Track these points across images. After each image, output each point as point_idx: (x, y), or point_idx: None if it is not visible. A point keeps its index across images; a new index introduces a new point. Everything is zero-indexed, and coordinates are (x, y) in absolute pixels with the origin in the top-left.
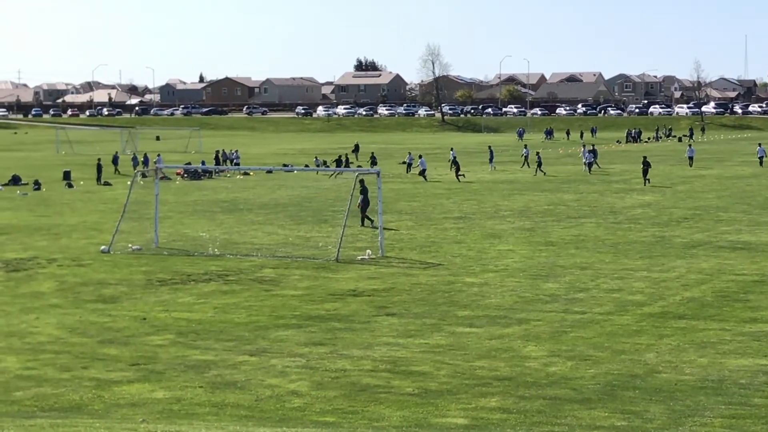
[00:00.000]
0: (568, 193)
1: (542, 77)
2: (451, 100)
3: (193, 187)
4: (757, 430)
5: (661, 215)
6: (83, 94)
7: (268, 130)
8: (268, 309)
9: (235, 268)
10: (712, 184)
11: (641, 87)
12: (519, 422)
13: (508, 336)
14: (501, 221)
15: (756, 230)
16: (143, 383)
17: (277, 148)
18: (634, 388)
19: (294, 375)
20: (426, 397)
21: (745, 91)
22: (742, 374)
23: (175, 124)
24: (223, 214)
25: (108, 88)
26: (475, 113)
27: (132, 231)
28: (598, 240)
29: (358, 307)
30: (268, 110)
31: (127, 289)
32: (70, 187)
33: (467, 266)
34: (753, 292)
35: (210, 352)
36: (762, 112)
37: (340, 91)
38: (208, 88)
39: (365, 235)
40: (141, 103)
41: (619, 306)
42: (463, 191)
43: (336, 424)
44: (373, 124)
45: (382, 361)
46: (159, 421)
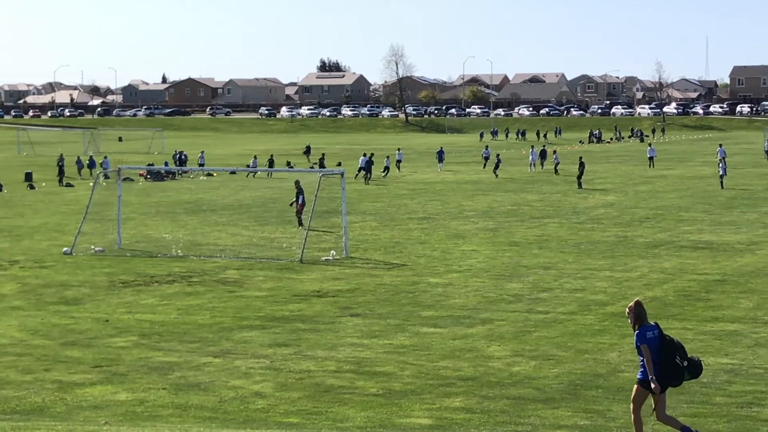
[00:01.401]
0: (532, 194)
1: (505, 78)
2: (414, 101)
3: (155, 188)
4: (719, 428)
5: (623, 215)
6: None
7: (231, 130)
8: (231, 310)
9: (199, 269)
10: (673, 184)
11: (603, 88)
12: (483, 422)
13: (471, 336)
14: (465, 222)
15: (717, 230)
16: (106, 385)
17: (240, 148)
18: (597, 387)
19: (258, 376)
20: (390, 398)
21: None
22: (703, 373)
23: (137, 125)
24: (186, 215)
25: (70, 88)
26: (438, 114)
27: (94, 232)
28: (561, 240)
29: (322, 308)
30: (231, 111)
31: (90, 290)
32: (32, 188)
33: (431, 267)
34: (714, 292)
35: (173, 354)
36: (723, 112)
37: (304, 91)
38: (171, 88)
39: (329, 236)
40: (103, 104)
41: (582, 306)
42: (427, 192)
43: (300, 425)
44: (337, 124)
45: (347, 361)
46: (122, 423)
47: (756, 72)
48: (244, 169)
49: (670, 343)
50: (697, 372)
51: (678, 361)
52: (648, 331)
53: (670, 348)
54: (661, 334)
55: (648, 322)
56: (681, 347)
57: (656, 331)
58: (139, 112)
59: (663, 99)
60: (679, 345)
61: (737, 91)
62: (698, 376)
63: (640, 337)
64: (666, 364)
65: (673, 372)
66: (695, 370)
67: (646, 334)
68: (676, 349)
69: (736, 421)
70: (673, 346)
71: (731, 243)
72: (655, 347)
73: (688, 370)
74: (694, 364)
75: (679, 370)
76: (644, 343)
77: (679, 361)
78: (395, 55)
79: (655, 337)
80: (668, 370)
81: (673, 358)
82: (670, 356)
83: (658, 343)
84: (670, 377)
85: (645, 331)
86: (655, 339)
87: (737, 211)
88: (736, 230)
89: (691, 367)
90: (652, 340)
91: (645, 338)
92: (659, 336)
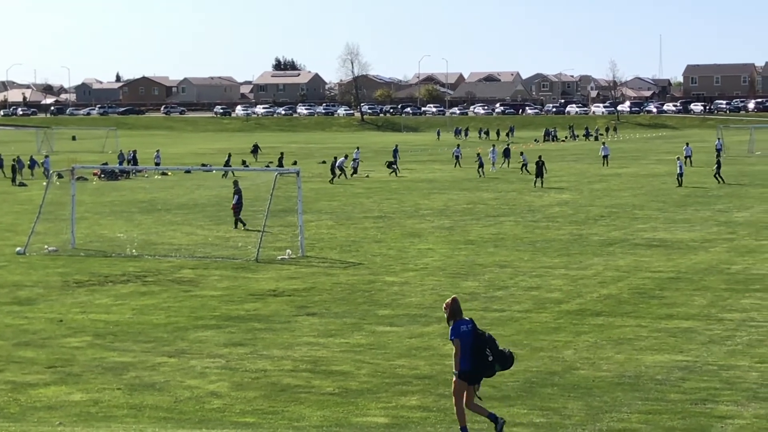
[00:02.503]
0: (488, 192)
1: (461, 77)
2: (370, 100)
3: (110, 187)
4: (673, 425)
5: (578, 213)
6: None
7: (186, 129)
8: (187, 310)
9: (154, 269)
10: (628, 183)
11: (558, 86)
12: (439, 420)
13: (428, 334)
14: (421, 220)
15: (671, 228)
16: (60, 386)
17: (195, 147)
18: (552, 384)
19: (213, 376)
20: (346, 397)
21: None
22: (658, 370)
23: (91, 124)
24: (141, 214)
25: (22, 87)
26: (394, 113)
27: (48, 232)
28: (517, 238)
29: (278, 307)
30: (186, 110)
31: (44, 290)
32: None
33: (387, 265)
34: (668, 289)
35: (128, 354)
36: (676, 111)
37: (259, 90)
38: (125, 87)
39: (285, 234)
40: (56, 103)
41: (537, 303)
42: (383, 190)
43: (256, 424)
44: (293, 123)
45: (303, 360)
46: (76, 424)
47: (709, 71)
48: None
49: (482, 336)
50: (507, 364)
51: (488, 353)
52: (462, 326)
53: (481, 342)
54: (474, 328)
55: (463, 317)
56: (492, 340)
57: (470, 325)
58: (93, 111)
59: (617, 98)
60: (491, 338)
61: (690, 89)
62: (509, 367)
63: (454, 330)
64: (479, 357)
65: (484, 364)
66: (506, 362)
67: (460, 327)
68: (486, 342)
69: (691, 417)
70: (485, 339)
71: (685, 241)
72: (468, 341)
73: (498, 362)
74: (504, 357)
75: (489, 363)
76: (457, 337)
77: (489, 354)
78: (351, 53)
79: (468, 331)
80: (480, 362)
81: (484, 351)
82: (481, 349)
83: (471, 337)
84: (483, 369)
85: (459, 325)
86: (468, 333)
87: (691, 209)
88: (690, 228)
89: (501, 360)
90: (465, 333)
91: (459, 332)
92: (472, 330)
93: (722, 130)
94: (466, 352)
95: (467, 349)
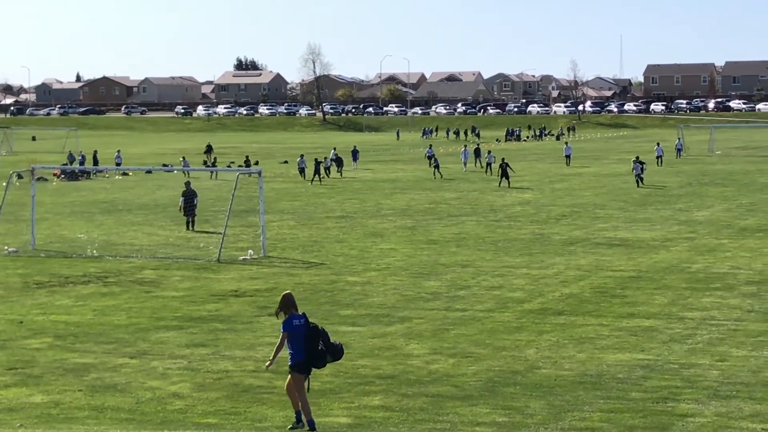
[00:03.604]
0: (449, 192)
1: (422, 76)
2: (332, 100)
3: (70, 187)
4: (635, 423)
5: (539, 213)
6: None
7: (147, 129)
8: (148, 311)
9: (115, 269)
10: (589, 182)
11: (520, 86)
12: (402, 420)
13: (390, 334)
14: (383, 220)
15: (632, 227)
16: (21, 387)
17: (156, 147)
18: (514, 384)
19: (175, 377)
20: (309, 397)
21: (621, 90)
22: (619, 369)
23: (51, 124)
24: (101, 215)
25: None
26: (356, 112)
27: (8, 233)
28: (479, 238)
29: (240, 308)
30: (147, 110)
31: (3, 291)
32: None
33: (350, 265)
34: (630, 288)
35: (89, 355)
36: (637, 110)
37: (221, 90)
38: (86, 87)
39: (247, 235)
40: (16, 103)
41: (499, 303)
42: (345, 190)
43: (218, 425)
44: (254, 123)
45: (265, 361)
46: (37, 426)
47: (669, 70)
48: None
49: (315, 330)
50: (338, 355)
51: (321, 346)
52: (294, 320)
53: (314, 335)
54: (306, 322)
55: (296, 312)
56: (324, 333)
57: (302, 320)
58: (53, 111)
59: (578, 97)
60: (323, 332)
61: (651, 89)
62: (340, 359)
63: (286, 324)
64: (311, 349)
65: (316, 356)
66: (336, 354)
67: (292, 322)
68: (319, 335)
69: (652, 416)
70: (317, 333)
71: (646, 240)
72: (301, 334)
73: (329, 354)
74: (335, 349)
75: (321, 354)
76: (287, 330)
77: (321, 347)
78: (312, 53)
79: (301, 325)
80: (313, 354)
81: (317, 344)
82: (314, 342)
83: (304, 330)
84: (315, 360)
85: (292, 319)
86: (301, 327)
87: (651, 209)
88: (651, 227)
89: (332, 352)
90: (298, 327)
91: (291, 326)
92: (305, 324)
93: (683, 130)
94: (300, 345)
95: (300, 342)
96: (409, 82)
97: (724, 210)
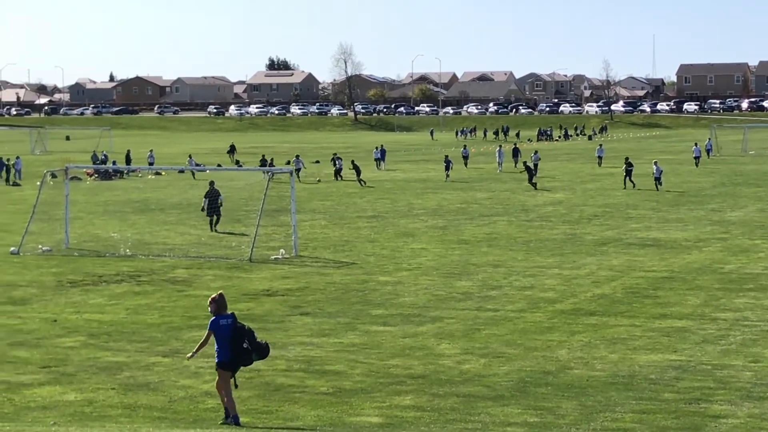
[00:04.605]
0: (481, 192)
1: (454, 76)
2: (363, 99)
3: (103, 187)
4: (667, 424)
5: (571, 213)
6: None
7: (179, 129)
8: (181, 310)
9: (148, 268)
10: (621, 182)
11: (552, 86)
12: (433, 420)
13: (421, 334)
14: (414, 220)
15: (665, 227)
16: (54, 386)
17: (189, 147)
18: (546, 384)
19: (207, 376)
20: (340, 396)
21: (653, 89)
22: (651, 369)
23: (85, 124)
24: (134, 214)
25: (16, 87)
26: (387, 112)
27: (42, 232)
28: (511, 238)
29: (271, 307)
30: (179, 109)
31: (38, 290)
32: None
33: (381, 265)
34: (662, 289)
35: (122, 354)
36: (669, 110)
37: (253, 90)
38: (119, 87)
39: (279, 234)
40: (50, 103)
41: (531, 303)
42: (377, 190)
43: (250, 424)
44: (286, 123)
45: (297, 360)
46: (71, 424)
47: (702, 70)
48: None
49: (241, 329)
50: (263, 354)
51: (246, 345)
52: (222, 320)
53: (240, 334)
54: (234, 322)
55: (225, 312)
56: (250, 333)
57: (230, 320)
58: (87, 111)
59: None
60: (249, 331)
61: (684, 89)
62: (265, 357)
63: (213, 323)
64: (237, 348)
65: (243, 354)
66: (262, 353)
67: (219, 321)
68: (245, 335)
69: (685, 417)
70: (243, 332)
71: (678, 240)
72: (228, 333)
73: (255, 352)
74: (260, 348)
75: (247, 353)
76: (213, 329)
77: (246, 345)
78: (344, 53)
79: (228, 324)
80: (239, 352)
81: (242, 342)
82: (239, 341)
83: (231, 330)
84: (242, 358)
85: (219, 319)
86: (228, 326)
87: (684, 209)
88: (684, 227)
89: (257, 350)
90: (224, 326)
91: (217, 325)
92: (232, 324)
93: (716, 130)
94: (226, 344)
95: (226, 341)
96: (440, 81)
97: (758, 210)
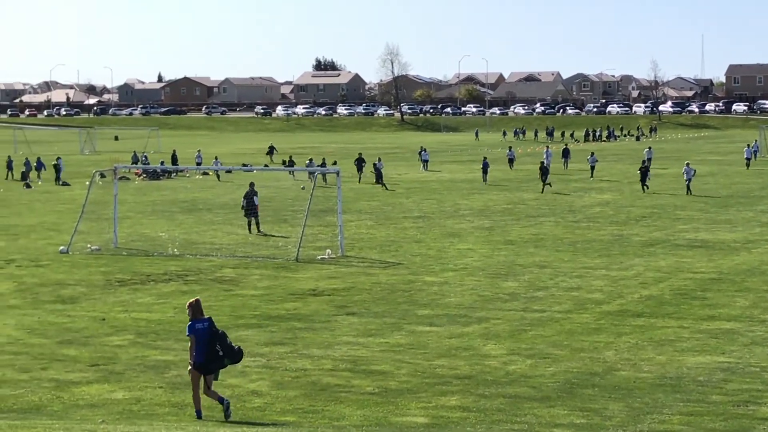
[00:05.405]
0: (527, 192)
1: (501, 77)
2: (410, 100)
3: (151, 187)
4: (715, 427)
5: (619, 214)
6: (41, 94)
7: (227, 129)
8: (228, 309)
9: (195, 268)
10: (669, 183)
11: (599, 86)
12: (479, 420)
13: (467, 335)
14: (460, 220)
15: (713, 228)
16: (103, 384)
17: (236, 147)
18: (593, 385)
19: (254, 375)
20: (386, 396)
21: (702, 90)
22: (699, 371)
23: (133, 124)
24: (182, 214)
25: (66, 87)
26: (434, 113)
27: (91, 231)
28: (557, 239)
29: (318, 307)
30: (227, 110)
31: (86, 289)
32: (28, 187)
33: (427, 265)
34: (710, 290)
35: (170, 353)
36: (718, 111)
37: (299, 90)
38: (167, 87)
39: (325, 234)
40: (99, 103)
41: (578, 304)
42: (423, 190)
43: (296, 423)
44: (333, 123)
45: (343, 360)
46: (119, 422)
47: (751, 70)
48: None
49: (215, 334)
50: (235, 358)
51: (218, 349)
52: (198, 324)
53: (214, 339)
54: (210, 326)
55: (201, 316)
56: (224, 337)
57: (206, 323)
58: (135, 111)
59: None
60: (223, 335)
61: (733, 89)
62: (238, 361)
63: (190, 328)
64: (211, 351)
65: (215, 358)
66: (234, 357)
67: (195, 325)
68: (219, 339)
69: (733, 419)
70: (217, 336)
71: (727, 241)
72: (203, 337)
73: (228, 357)
74: (233, 352)
75: (220, 356)
76: (191, 334)
77: (219, 349)
78: (390, 53)
79: (204, 328)
80: (213, 356)
81: (215, 346)
82: (213, 345)
83: (207, 334)
84: (215, 362)
85: (195, 323)
86: (204, 330)
87: (733, 210)
88: (732, 228)
89: (230, 354)
90: (200, 330)
91: (194, 329)
92: (208, 328)
93: (765, 131)
94: (201, 347)
95: (202, 344)
96: (487, 82)
97: None
